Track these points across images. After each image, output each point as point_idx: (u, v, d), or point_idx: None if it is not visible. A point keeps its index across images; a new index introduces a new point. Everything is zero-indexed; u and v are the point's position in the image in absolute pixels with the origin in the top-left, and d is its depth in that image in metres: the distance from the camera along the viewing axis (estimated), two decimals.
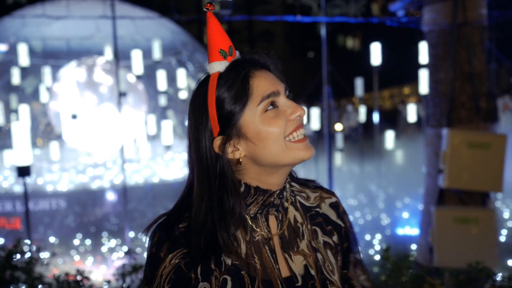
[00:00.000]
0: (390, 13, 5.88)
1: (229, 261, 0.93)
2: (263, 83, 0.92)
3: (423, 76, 7.19)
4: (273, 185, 0.96)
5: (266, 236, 0.96)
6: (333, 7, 7.75)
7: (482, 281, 2.42)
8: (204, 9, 0.94)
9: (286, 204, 1.00)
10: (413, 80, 10.21)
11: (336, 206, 1.07)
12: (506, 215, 6.23)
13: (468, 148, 3.76)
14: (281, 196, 0.98)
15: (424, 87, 7.17)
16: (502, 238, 5.34)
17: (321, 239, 1.02)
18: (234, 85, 0.91)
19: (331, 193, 1.08)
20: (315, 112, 8.84)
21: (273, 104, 0.93)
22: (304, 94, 7.66)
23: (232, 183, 0.93)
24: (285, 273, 0.96)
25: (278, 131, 0.91)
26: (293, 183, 1.06)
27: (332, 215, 1.06)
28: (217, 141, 0.93)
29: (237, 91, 0.91)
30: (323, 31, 5.80)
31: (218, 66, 0.94)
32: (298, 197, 1.04)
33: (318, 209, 1.05)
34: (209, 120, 0.93)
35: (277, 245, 0.97)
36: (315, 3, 7.67)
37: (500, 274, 2.54)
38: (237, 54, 0.97)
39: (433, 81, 4.21)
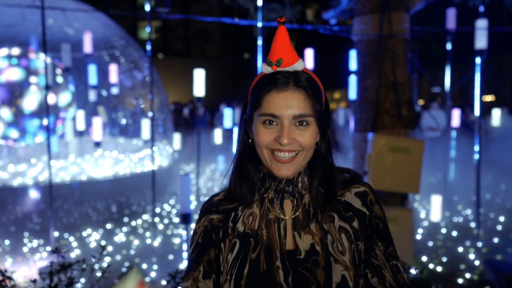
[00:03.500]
0: (323, 20, 6.13)
1: (241, 229, 1.16)
2: (272, 103, 1.08)
3: (353, 82, 7.54)
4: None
5: (278, 216, 1.14)
6: (270, 11, 7.89)
7: None
8: (277, 21, 1.10)
9: (303, 192, 1.15)
10: (344, 85, 10.67)
11: (363, 195, 1.17)
12: (422, 215, 6.69)
13: (390, 152, 4.02)
14: (291, 184, 1.14)
15: (353, 93, 7.51)
16: (418, 237, 5.73)
17: (337, 223, 1.14)
18: (258, 91, 1.11)
19: (361, 184, 1.19)
20: None
21: (273, 122, 1.09)
22: (238, 96, 7.74)
23: (250, 156, 1.16)
24: (289, 246, 1.12)
25: (262, 143, 1.10)
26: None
27: (356, 203, 1.16)
28: (244, 119, 1.17)
29: (256, 95, 1.11)
30: (259, 37, 5.91)
31: (265, 69, 1.12)
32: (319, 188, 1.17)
33: (339, 197, 1.16)
34: (246, 102, 1.16)
35: (289, 225, 1.14)
36: (252, 5, 7.77)
37: (414, 269, 2.76)
38: (291, 65, 1.10)
39: (361, 88, 4.45)
